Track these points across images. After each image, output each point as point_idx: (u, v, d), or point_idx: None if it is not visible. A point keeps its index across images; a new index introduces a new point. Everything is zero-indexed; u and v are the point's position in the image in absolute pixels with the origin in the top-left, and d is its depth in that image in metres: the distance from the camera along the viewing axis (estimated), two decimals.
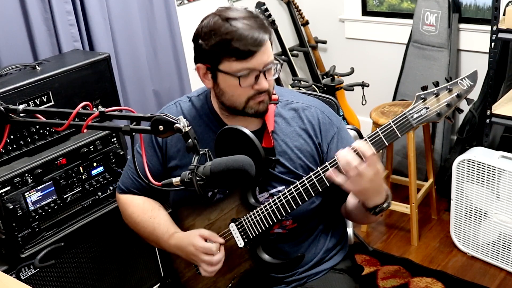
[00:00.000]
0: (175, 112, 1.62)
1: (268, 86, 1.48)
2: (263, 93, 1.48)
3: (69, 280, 2.06)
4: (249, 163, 1.23)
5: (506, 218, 2.48)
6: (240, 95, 1.47)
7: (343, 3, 3.62)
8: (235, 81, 1.44)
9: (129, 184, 1.68)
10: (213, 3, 3.13)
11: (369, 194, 1.41)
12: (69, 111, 1.27)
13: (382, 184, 1.42)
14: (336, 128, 1.60)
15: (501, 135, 2.90)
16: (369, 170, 1.34)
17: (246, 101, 1.48)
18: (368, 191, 1.39)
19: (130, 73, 2.67)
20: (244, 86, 1.45)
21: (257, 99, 1.48)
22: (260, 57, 1.43)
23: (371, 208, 1.45)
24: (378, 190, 1.42)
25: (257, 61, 1.42)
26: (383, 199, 1.44)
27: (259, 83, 1.45)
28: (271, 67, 1.47)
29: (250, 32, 1.40)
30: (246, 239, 1.54)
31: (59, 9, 2.32)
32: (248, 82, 1.45)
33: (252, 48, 1.40)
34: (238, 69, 1.43)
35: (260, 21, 1.45)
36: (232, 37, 1.40)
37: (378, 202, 1.44)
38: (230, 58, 1.42)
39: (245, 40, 1.39)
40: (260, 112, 1.51)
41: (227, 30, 1.40)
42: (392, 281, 2.60)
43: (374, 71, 3.53)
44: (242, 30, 1.40)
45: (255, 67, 1.43)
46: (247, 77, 1.44)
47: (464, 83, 1.30)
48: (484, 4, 3.03)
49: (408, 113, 1.33)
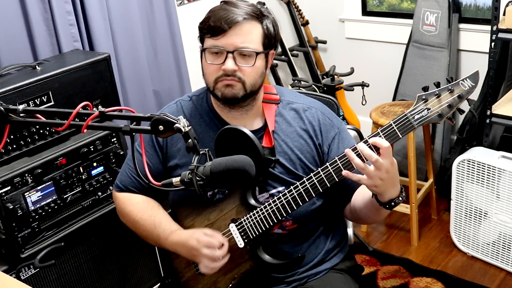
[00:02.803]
0: (176, 111, 1.63)
1: (238, 70, 1.47)
2: (230, 77, 1.48)
3: (69, 280, 2.06)
4: (249, 163, 1.23)
5: (506, 218, 2.48)
6: (209, 74, 1.51)
7: (343, 3, 3.62)
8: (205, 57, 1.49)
9: (127, 183, 1.68)
10: (213, 3, 3.13)
11: (386, 186, 1.37)
12: (69, 111, 1.27)
13: (397, 176, 1.39)
14: (337, 129, 1.60)
15: (501, 135, 2.90)
16: (386, 162, 1.32)
17: (215, 81, 1.50)
18: (385, 183, 1.36)
19: (130, 73, 2.66)
20: (209, 62, 1.49)
21: (224, 81, 1.49)
22: (231, 38, 1.46)
23: (386, 202, 1.41)
24: (394, 182, 1.39)
25: (227, 40, 1.46)
26: (398, 192, 1.41)
27: (225, 63, 1.47)
28: (246, 53, 1.47)
29: (228, 12, 1.46)
30: (246, 240, 1.54)
31: (59, 9, 2.31)
32: (214, 60, 1.48)
33: (222, 26, 1.45)
34: (209, 45, 1.48)
35: (251, 9, 1.49)
36: (212, 15, 1.48)
37: (393, 196, 1.40)
38: (207, 35, 1.49)
39: (219, 18, 1.46)
40: (225, 97, 1.50)
41: (214, 9, 1.50)
42: (392, 281, 2.60)
43: (374, 71, 3.53)
44: (222, 10, 1.47)
45: (224, 46, 1.46)
46: (217, 56, 1.48)
47: (465, 84, 1.30)
48: (484, 4, 3.03)
49: (409, 114, 1.33)
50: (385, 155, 1.32)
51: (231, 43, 1.46)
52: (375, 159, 1.32)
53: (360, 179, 1.36)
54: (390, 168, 1.33)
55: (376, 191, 1.39)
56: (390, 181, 1.36)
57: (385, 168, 1.33)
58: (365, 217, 1.59)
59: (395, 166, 1.36)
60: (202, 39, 1.53)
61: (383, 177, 1.34)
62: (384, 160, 1.32)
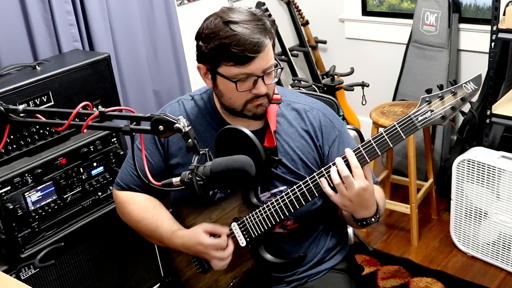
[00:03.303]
0: (178, 110, 1.62)
1: (267, 90, 1.48)
2: (262, 97, 1.48)
3: (69, 280, 2.06)
4: (249, 163, 1.23)
5: (506, 218, 2.48)
6: (237, 98, 1.48)
7: (343, 3, 3.62)
8: (232, 85, 1.44)
9: (129, 181, 1.67)
10: (213, 3, 3.13)
11: (354, 208, 1.42)
12: (69, 111, 1.27)
13: (370, 200, 1.42)
14: (338, 131, 1.60)
15: (501, 135, 2.90)
16: (357, 183, 1.36)
17: (244, 104, 1.48)
18: (355, 205, 1.40)
19: (130, 73, 2.67)
20: (241, 91, 1.44)
21: (255, 102, 1.49)
22: (259, 63, 1.42)
23: (358, 220, 1.47)
24: (366, 205, 1.42)
25: (255, 66, 1.41)
26: (371, 214, 1.45)
27: (257, 87, 1.45)
28: (271, 71, 1.46)
29: (249, 37, 1.39)
30: (248, 239, 1.54)
31: (59, 9, 2.32)
32: (246, 86, 1.45)
33: (250, 54, 1.39)
34: (235, 74, 1.42)
35: (262, 24, 1.43)
36: (230, 42, 1.38)
37: (365, 216, 1.45)
38: (228, 63, 1.41)
39: (244, 46, 1.38)
40: (258, 115, 1.52)
41: (226, 34, 1.39)
42: (392, 281, 2.59)
43: (374, 71, 3.53)
44: (241, 35, 1.38)
45: (253, 72, 1.42)
46: (245, 81, 1.44)
47: (468, 87, 1.32)
48: (484, 4, 3.03)
49: (413, 115, 1.35)
50: (356, 177, 1.36)
51: (259, 68, 1.43)
52: (346, 175, 1.36)
53: (331, 195, 1.41)
54: (361, 192, 1.37)
55: (345, 210, 1.45)
56: (360, 204, 1.41)
57: (354, 190, 1.36)
58: (348, 223, 1.65)
59: (368, 191, 1.39)
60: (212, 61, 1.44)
61: (353, 199, 1.38)
62: (356, 181, 1.36)
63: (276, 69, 1.48)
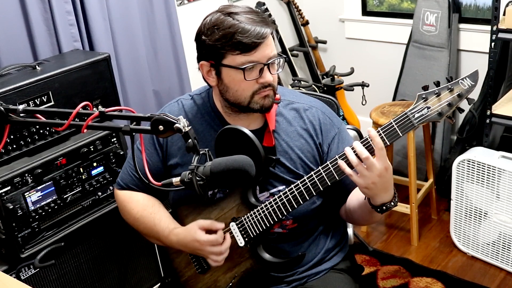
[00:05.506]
0: (177, 110, 1.63)
1: (273, 80, 1.49)
2: (268, 87, 1.48)
3: (69, 280, 2.06)
4: (249, 163, 1.24)
5: (506, 218, 2.48)
6: (244, 90, 1.48)
7: (343, 3, 3.62)
8: (239, 74, 1.45)
9: (128, 181, 1.68)
10: (213, 3, 3.13)
11: (377, 190, 1.37)
12: (69, 111, 1.27)
13: (391, 181, 1.39)
14: (337, 129, 1.60)
15: (501, 135, 2.90)
16: (379, 164, 1.33)
17: (251, 95, 1.48)
18: (377, 186, 1.36)
19: (130, 73, 2.67)
20: (248, 79, 1.45)
21: (262, 93, 1.49)
22: (264, 50, 1.44)
23: (378, 205, 1.42)
24: (387, 187, 1.39)
25: (261, 53, 1.44)
26: (390, 197, 1.41)
27: (263, 76, 1.46)
28: (274, 61, 1.48)
29: (253, 25, 1.42)
30: (246, 238, 1.54)
31: (59, 9, 2.32)
32: (253, 75, 1.46)
33: (255, 41, 1.41)
34: (242, 62, 1.44)
35: (262, 15, 1.47)
36: (235, 30, 1.41)
37: (385, 200, 1.41)
38: (234, 52, 1.43)
39: (248, 33, 1.41)
40: (265, 107, 1.51)
41: (230, 23, 1.42)
42: (392, 281, 2.60)
43: (374, 71, 3.53)
44: (245, 24, 1.42)
45: (259, 60, 1.44)
46: (252, 70, 1.45)
47: (465, 83, 1.31)
48: (484, 4, 3.03)
49: (409, 113, 1.34)
50: (378, 157, 1.33)
51: (265, 56, 1.45)
52: (365, 156, 1.33)
53: (351, 174, 1.37)
54: (383, 172, 1.34)
55: (367, 193, 1.40)
56: (382, 185, 1.37)
57: (377, 171, 1.33)
58: (359, 218, 1.60)
59: (390, 172, 1.36)
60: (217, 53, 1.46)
61: (375, 180, 1.35)
62: (377, 162, 1.33)
63: (279, 59, 1.49)
